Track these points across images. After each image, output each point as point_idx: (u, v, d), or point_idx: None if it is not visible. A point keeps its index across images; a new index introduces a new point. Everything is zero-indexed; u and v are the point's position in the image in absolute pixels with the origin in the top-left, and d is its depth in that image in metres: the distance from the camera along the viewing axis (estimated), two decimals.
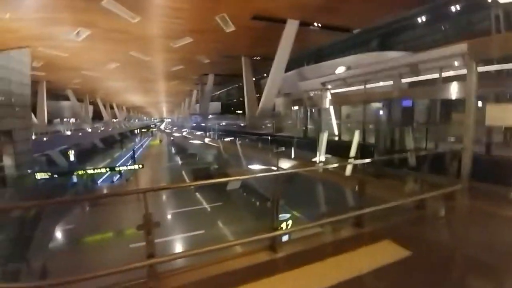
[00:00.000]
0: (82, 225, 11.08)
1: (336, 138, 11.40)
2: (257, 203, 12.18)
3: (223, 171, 16.38)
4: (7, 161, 10.08)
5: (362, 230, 2.99)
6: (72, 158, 25.65)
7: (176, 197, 13.43)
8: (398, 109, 8.30)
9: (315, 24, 17.53)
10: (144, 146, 48.77)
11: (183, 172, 21.27)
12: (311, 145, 10.93)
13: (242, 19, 15.89)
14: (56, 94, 43.23)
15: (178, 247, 9.25)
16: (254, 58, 25.40)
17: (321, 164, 8.71)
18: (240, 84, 29.24)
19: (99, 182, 20.91)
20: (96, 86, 40.61)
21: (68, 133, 34.08)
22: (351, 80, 12.28)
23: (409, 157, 5.49)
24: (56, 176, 16.19)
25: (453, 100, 7.24)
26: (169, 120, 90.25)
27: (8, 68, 10.06)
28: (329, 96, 12.22)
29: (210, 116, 39.82)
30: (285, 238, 3.02)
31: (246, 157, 14.18)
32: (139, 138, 63.54)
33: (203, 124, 34.34)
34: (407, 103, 8.56)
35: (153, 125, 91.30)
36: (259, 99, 23.98)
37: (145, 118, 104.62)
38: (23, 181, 10.62)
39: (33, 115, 30.41)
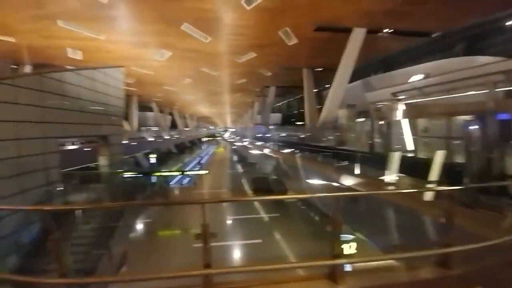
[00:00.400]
0: (157, 219, 12.61)
1: (410, 155, 10.04)
2: (316, 218, 11.67)
3: (282, 182, 16.29)
4: (103, 161, 12.24)
5: (448, 272, 2.42)
6: (152, 160, 29.90)
7: (236, 204, 13.97)
8: (494, 124, 6.81)
9: (385, 30, 16.11)
10: (209, 153, 52.90)
11: (243, 180, 22.10)
12: (378, 161, 9.91)
13: (304, 31, 15.85)
14: (143, 106, 51.15)
15: (236, 253, 9.52)
16: (316, 69, 24.91)
17: (391, 184, 7.75)
18: (301, 95, 28.99)
19: (171, 183, 23.51)
20: (173, 99, 46.46)
21: (151, 139, 39.61)
22: (430, 89, 10.79)
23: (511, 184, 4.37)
24: (139, 175, 18.92)
25: None
26: (233, 130, 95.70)
27: (106, 84, 12.32)
28: (401, 108, 10.98)
29: (270, 127, 40.50)
30: (347, 266, 2.70)
31: (306, 170, 13.80)
32: (205, 145, 69.36)
33: (264, 135, 34.88)
34: (507, 116, 6.94)
35: (218, 134, 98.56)
36: (320, 110, 23.26)
37: (211, 127, 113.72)
38: (114, 178, 12.73)
39: (126, 123, 36.69)
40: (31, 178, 7.32)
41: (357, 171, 10.56)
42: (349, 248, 6.67)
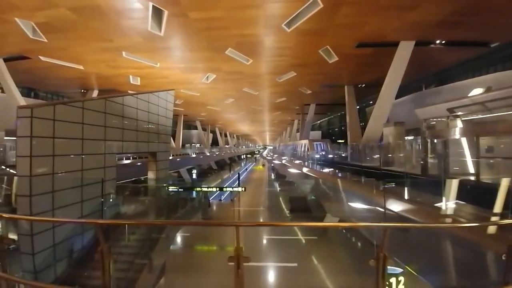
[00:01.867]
0: (196, 233, 12.95)
1: (472, 178, 8.77)
2: (358, 244, 10.78)
3: (320, 204, 15.58)
4: (151, 175, 13.32)
5: None
6: (194, 176, 31.53)
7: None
8: None
9: (437, 41, 14.93)
10: (248, 170, 53.63)
11: (281, 199, 21.71)
12: (432, 185, 8.84)
13: (346, 48, 15.61)
14: (188, 124, 55.06)
15: (271, 276, 9.19)
16: (359, 85, 24.06)
17: (448, 213, 6.80)
18: (342, 112, 28.09)
19: (210, 199, 24.24)
20: (216, 117, 49.16)
21: (193, 155, 42.01)
22: (494, 104, 9.50)
23: None
24: (181, 190, 20.00)
25: None
26: (271, 147, 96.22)
27: (158, 105, 13.67)
28: (459, 125, 9.82)
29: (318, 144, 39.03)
30: None
31: (347, 192, 12.99)
32: (244, 162, 70.67)
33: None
34: None
35: (257, 152, 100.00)
36: (363, 128, 22.11)
37: (250, 145, 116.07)
38: (159, 192, 13.71)
39: (172, 141, 39.78)
40: (91, 189, 8.31)
41: (406, 195, 9.54)
42: (397, 283, 5.94)
